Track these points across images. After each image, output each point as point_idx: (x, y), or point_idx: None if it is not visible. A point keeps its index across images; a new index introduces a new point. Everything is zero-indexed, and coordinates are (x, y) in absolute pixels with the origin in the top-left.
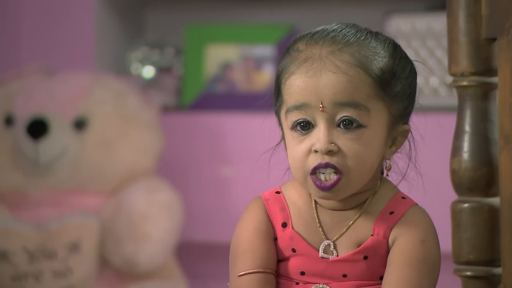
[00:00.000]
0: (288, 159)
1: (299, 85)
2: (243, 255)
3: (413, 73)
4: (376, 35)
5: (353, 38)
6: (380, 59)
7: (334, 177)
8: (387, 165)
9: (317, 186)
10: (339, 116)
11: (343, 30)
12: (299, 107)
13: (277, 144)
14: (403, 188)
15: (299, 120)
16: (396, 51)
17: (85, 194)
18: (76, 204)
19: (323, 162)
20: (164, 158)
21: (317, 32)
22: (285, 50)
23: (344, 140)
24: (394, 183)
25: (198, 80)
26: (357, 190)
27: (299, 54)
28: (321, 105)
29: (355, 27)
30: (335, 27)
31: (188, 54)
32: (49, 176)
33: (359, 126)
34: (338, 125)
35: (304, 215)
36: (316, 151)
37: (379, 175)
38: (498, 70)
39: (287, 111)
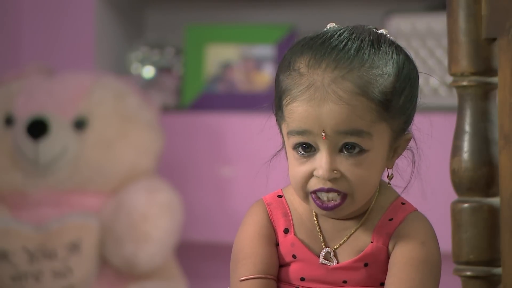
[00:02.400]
0: (289, 176)
1: (301, 113)
2: (244, 260)
3: (415, 77)
4: (379, 46)
5: (356, 59)
6: (382, 81)
7: (337, 198)
8: (389, 175)
9: (318, 206)
10: (342, 142)
11: (345, 48)
12: (301, 133)
13: (278, 151)
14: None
15: (301, 142)
16: (399, 62)
17: (85, 194)
18: (76, 204)
19: (326, 187)
20: (164, 158)
21: (318, 47)
22: (286, 64)
23: (347, 166)
24: (398, 189)
25: (198, 80)
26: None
27: (301, 79)
28: (323, 134)
29: (357, 39)
30: (337, 42)
31: (188, 54)
32: (49, 176)
33: (362, 150)
34: (341, 150)
35: (306, 222)
36: (318, 176)
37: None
38: (498, 70)
39: (289, 133)
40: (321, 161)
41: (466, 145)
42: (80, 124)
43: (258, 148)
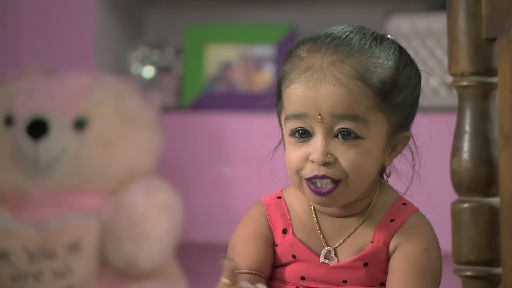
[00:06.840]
0: (286, 163)
1: (298, 95)
2: (235, 256)
3: (417, 80)
4: (381, 41)
5: (356, 47)
6: (382, 70)
7: (330, 185)
8: (387, 172)
9: (312, 190)
10: (337, 127)
11: (347, 38)
12: (297, 116)
13: (277, 145)
14: (403, 188)
15: (297, 128)
16: (400, 59)
17: (85, 194)
18: (76, 204)
19: (320, 174)
20: (164, 158)
21: (321, 37)
22: (288, 54)
23: (341, 150)
24: (397, 188)
25: (198, 80)
26: (355, 198)
27: (300, 62)
28: (319, 117)
29: (360, 32)
30: (340, 33)
31: (188, 54)
32: (49, 176)
33: (357, 137)
34: (336, 136)
35: (305, 222)
36: (312, 161)
37: (377, 180)
38: (498, 70)
39: (286, 118)
40: (315, 145)
41: (466, 145)
42: (80, 124)
43: (258, 148)
